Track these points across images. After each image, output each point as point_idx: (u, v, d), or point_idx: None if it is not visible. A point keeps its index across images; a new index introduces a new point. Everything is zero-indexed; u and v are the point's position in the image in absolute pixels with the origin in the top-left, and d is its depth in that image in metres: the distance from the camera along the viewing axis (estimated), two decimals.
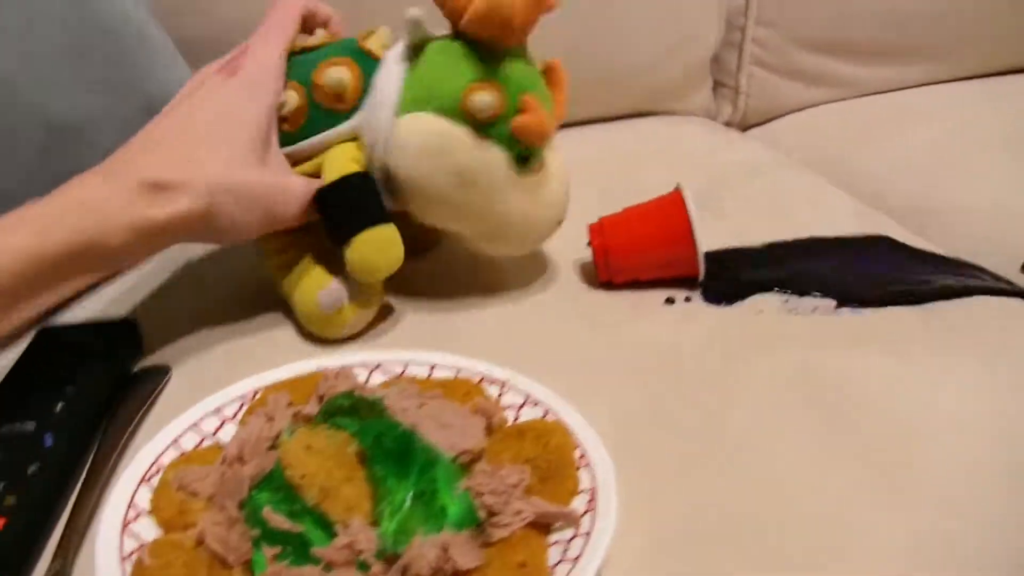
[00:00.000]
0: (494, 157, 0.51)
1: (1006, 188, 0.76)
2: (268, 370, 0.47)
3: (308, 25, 0.56)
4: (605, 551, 0.35)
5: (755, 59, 0.99)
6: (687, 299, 0.56)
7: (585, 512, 0.37)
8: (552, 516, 0.37)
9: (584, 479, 0.39)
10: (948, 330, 0.53)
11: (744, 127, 1.03)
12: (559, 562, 0.35)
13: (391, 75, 0.51)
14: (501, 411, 0.43)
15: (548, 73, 0.54)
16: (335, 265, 0.52)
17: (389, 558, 0.34)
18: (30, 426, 0.43)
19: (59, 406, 0.44)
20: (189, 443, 0.42)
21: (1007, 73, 1.01)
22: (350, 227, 0.50)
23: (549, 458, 0.40)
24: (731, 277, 0.58)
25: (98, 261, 0.45)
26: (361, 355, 0.48)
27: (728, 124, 1.02)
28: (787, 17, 0.96)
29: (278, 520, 0.35)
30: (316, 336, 0.53)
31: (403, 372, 0.47)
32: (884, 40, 0.98)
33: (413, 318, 0.55)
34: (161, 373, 0.50)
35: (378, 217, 0.51)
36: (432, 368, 0.47)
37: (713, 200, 0.70)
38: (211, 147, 0.48)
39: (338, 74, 0.51)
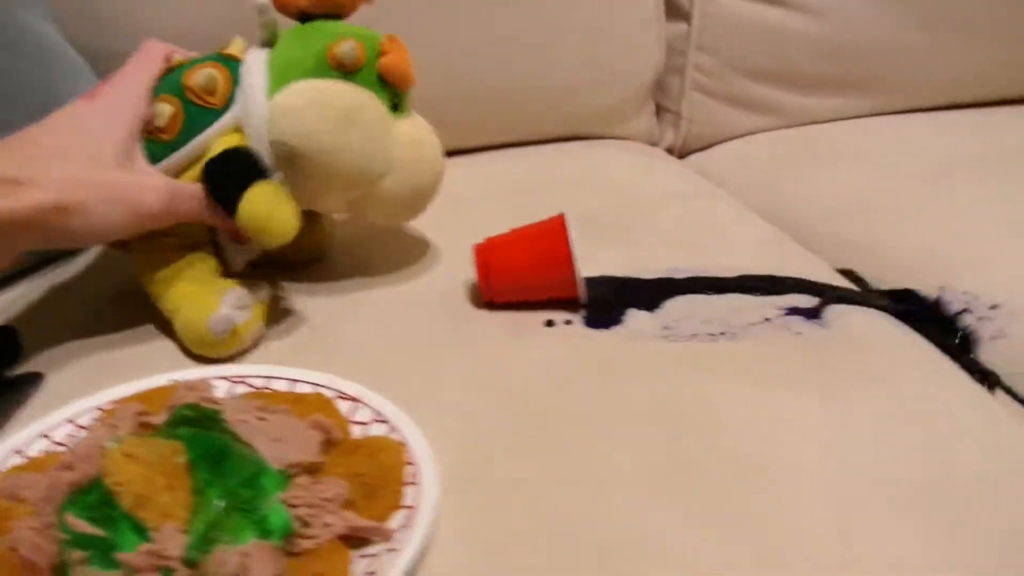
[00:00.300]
0: (370, 97, 0.55)
1: (928, 226, 0.76)
2: (144, 378, 0.48)
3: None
4: (409, 566, 0.36)
5: (697, 85, 1.00)
6: (567, 322, 0.56)
7: (400, 528, 0.38)
8: (362, 530, 0.37)
9: (409, 496, 0.40)
10: (823, 358, 0.53)
11: (686, 153, 1.04)
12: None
13: (255, 64, 0.55)
14: (347, 426, 0.44)
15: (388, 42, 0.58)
16: (217, 286, 0.54)
17: (196, 565, 0.35)
18: None
19: None
20: (38, 451, 0.43)
21: (947, 108, 1.01)
22: (237, 188, 0.51)
23: (377, 474, 0.40)
24: (613, 302, 0.58)
25: None
26: (226, 368, 0.49)
27: (670, 150, 1.03)
28: (729, 44, 0.97)
29: (80, 525, 0.35)
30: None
31: (265, 386, 0.48)
32: (826, 71, 0.98)
33: (294, 332, 0.56)
34: (33, 379, 0.51)
35: (263, 175, 0.52)
36: (294, 383, 0.48)
37: (620, 226, 0.71)
38: (66, 154, 0.49)
39: (208, 72, 0.54)
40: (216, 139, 0.54)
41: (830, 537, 0.40)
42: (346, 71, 0.54)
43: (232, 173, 0.52)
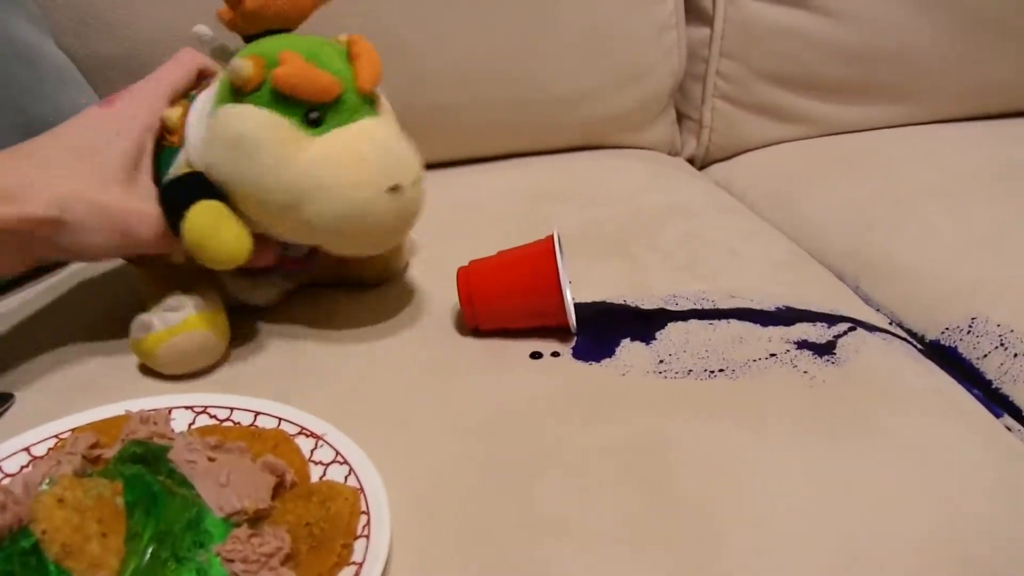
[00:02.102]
0: (267, 120, 0.48)
1: (958, 248, 0.71)
2: (109, 404, 0.47)
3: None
4: None
5: (720, 92, 0.96)
6: (555, 354, 0.53)
7: None
8: None
9: (359, 551, 0.37)
10: (829, 404, 0.49)
11: (708, 162, 1.00)
12: None
13: (203, 96, 0.52)
14: (305, 467, 0.42)
15: (350, 47, 0.52)
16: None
17: None
18: None
19: None
20: None
21: (976, 118, 0.96)
22: (181, 207, 0.49)
23: (324, 525, 0.38)
24: (606, 332, 0.55)
25: None
26: (190, 397, 0.47)
27: (692, 160, 1.00)
28: (753, 50, 0.93)
29: None
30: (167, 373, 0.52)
31: (228, 417, 0.46)
32: (852, 78, 0.94)
33: (267, 357, 0.54)
34: (3, 400, 0.50)
35: (207, 194, 0.50)
36: (256, 415, 0.46)
37: (623, 242, 0.68)
38: (72, 166, 0.49)
39: (170, 112, 0.53)
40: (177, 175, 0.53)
41: None
42: (241, 92, 0.49)
43: (177, 192, 0.50)
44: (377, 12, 0.73)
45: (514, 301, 0.53)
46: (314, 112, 0.49)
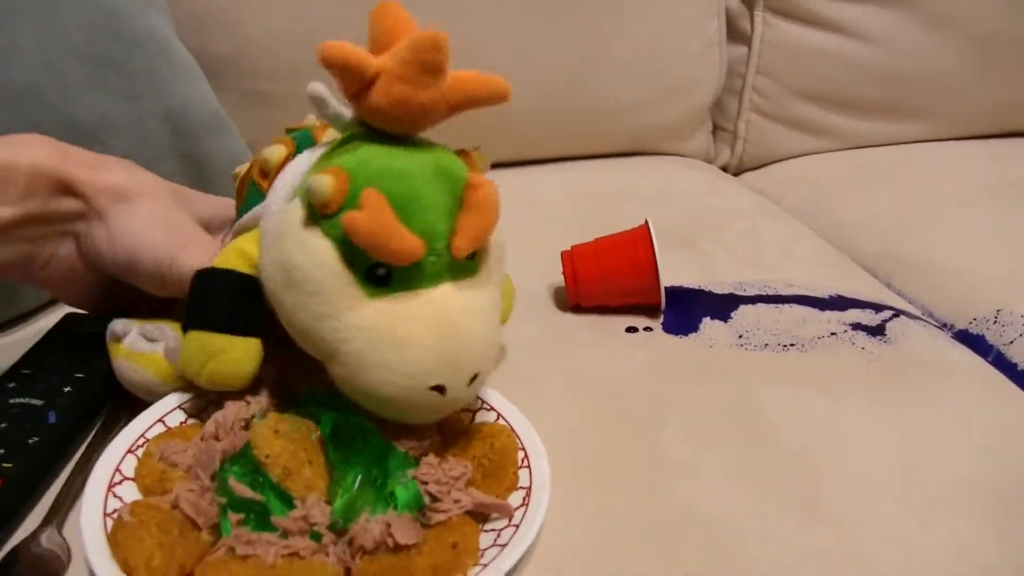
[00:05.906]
0: (327, 262, 0.39)
1: (983, 249, 0.78)
2: None
3: None
4: (531, 541, 0.39)
5: (754, 106, 1.03)
6: (647, 329, 0.60)
7: (519, 506, 0.41)
8: (487, 507, 0.41)
9: (523, 478, 0.43)
10: (889, 373, 0.57)
11: (740, 171, 1.08)
12: (489, 547, 0.39)
13: (302, 159, 0.44)
14: (457, 412, 0.48)
15: (466, 192, 0.40)
16: None
17: (339, 531, 0.39)
18: (38, 403, 0.48)
19: (67, 388, 0.49)
20: (174, 421, 0.47)
21: (997, 136, 1.05)
22: (188, 321, 0.44)
23: (492, 457, 0.44)
24: (690, 311, 0.62)
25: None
26: None
27: (725, 168, 1.07)
28: (788, 69, 1.01)
29: (241, 489, 0.39)
30: None
31: None
32: (879, 97, 1.02)
33: None
34: None
35: (219, 324, 0.43)
36: None
37: (689, 239, 0.75)
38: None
39: (271, 152, 0.46)
40: (251, 224, 0.46)
41: (911, 525, 0.44)
42: (316, 212, 0.40)
43: (197, 298, 0.44)
44: (465, 23, 0.80)
45: (615, 281, 0.60)
46: (382, 268, 0.40)
